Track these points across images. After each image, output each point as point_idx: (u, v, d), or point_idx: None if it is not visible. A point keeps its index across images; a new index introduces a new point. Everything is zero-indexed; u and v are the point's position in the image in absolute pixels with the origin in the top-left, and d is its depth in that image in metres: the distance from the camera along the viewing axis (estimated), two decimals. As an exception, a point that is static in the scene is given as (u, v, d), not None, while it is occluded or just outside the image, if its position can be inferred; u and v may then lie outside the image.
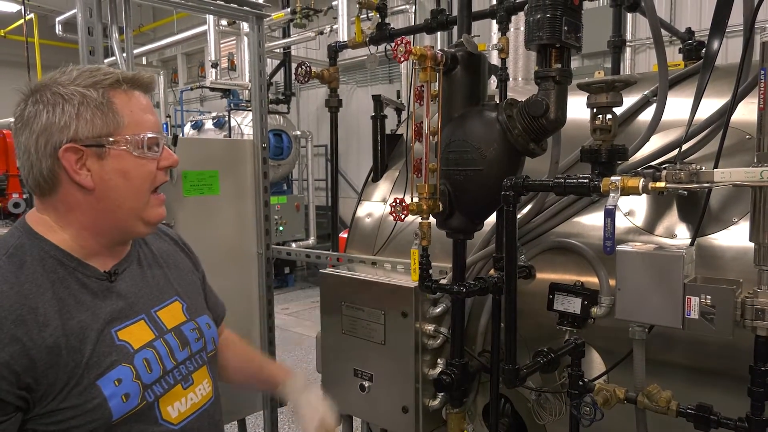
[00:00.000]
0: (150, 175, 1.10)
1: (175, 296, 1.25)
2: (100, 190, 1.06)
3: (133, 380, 1.07)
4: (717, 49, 1.44)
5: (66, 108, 1.02)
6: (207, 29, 8.42)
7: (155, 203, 1.13)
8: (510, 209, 1.35)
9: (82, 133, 1.03)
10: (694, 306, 1.24)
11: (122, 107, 1.06)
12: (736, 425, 1.25)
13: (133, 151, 1.07)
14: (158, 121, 1.15)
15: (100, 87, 1.05)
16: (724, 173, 1.17)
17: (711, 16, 1.50)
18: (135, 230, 1.14)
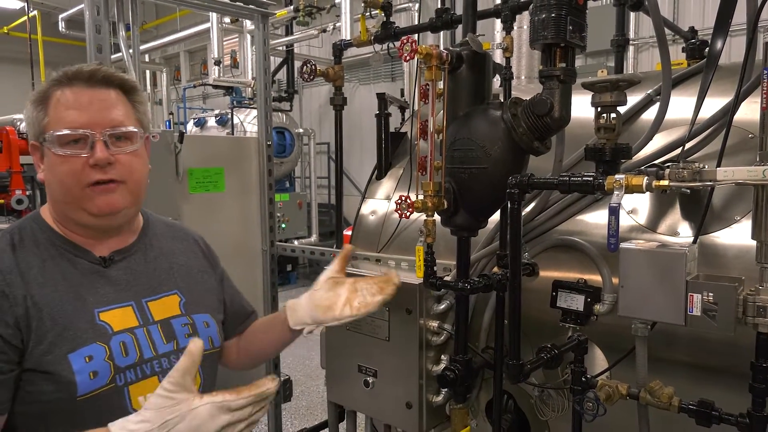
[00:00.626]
0: (72, 173, 1.08)
1: (175, 290, 1.26)
2: (46, 184, 1.13)
3: (105, 360, 1.08)
4: (720, 48, 1.45)
5: (27, 107, 1.12)
6: (210, 27, 8.42)
7: (90, 195, 1.10)
8: (515, 206, 1.37)
9: (32, 131, 1.12)
10: (697, 303, 1.25)
11: (52, 105, 1.10)
12: (737, 421, 1.27)
13: (53, 148, 1.09)
14: (91, 118, 1.09)
15: (49, 84, 1.11)
16: (726, 172, 1.19)
17: (714, 14, 1.52)
18: (82, 220, 1.14)
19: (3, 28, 12.81)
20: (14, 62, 12.92)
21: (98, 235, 1.18)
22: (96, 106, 1.10)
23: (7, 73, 13.30)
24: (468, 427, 1.77)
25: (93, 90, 1.11)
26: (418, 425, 1.86)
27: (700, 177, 1.22)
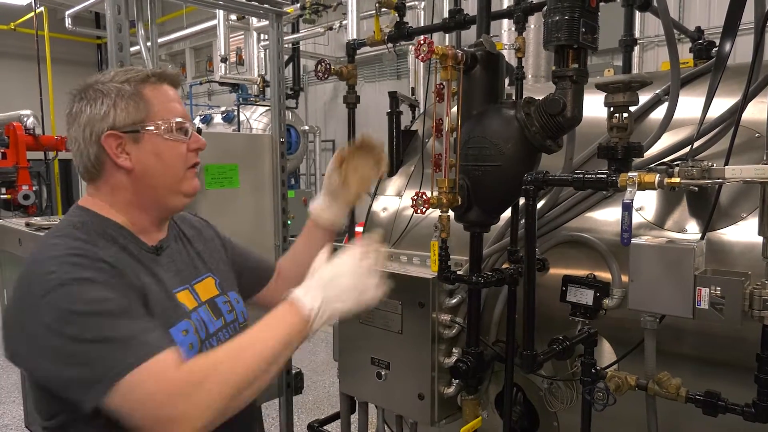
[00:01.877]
0: (181, 156, 1.23)
1: (209, 272, 1.37)
2: (139, 169, 1.19)
3: (193, 333, 1.20)
4: (729, 50, 1.49)
5: (105, 101, 1.17)
6: (217, 24, 8.46)
7: (189, 176, 1.26)
8: (531, 203, 1.42)
9: (119, 121, 1.17)
10: (705, 297, 1.30)
11: (152, 97, 1.20)
12: (743, 411, 1.32)
13: (164, 134, 1.20)
14: (185, 111, 1.28)
15: (133, 81, 1.20)
16: (734, 170, 1.23)
17: (720, 14, 1.56)
18: (174, 203, 1.26)
19: (10, 24, 12.89)
20: (21, 58, 12.99)
21: (160, 221, 1.29)
22: (181, 103, 1.27)
23: (13, 69, 13.37)
24: (479, 417, 1.81)
25: (174, 90, 1.27)
26: (430, 416, 1.91)
27: (709, 175, 1.27)
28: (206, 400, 0.99)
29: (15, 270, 1.99)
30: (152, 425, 0.99)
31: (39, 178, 11.08)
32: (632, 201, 1.25)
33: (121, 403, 0.99)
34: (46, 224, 1.79)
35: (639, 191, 1.78)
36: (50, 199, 11.44)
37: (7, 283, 2.04)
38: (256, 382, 1.05)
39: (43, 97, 10.50)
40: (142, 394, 0.98)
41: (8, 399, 4.76)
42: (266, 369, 1.06)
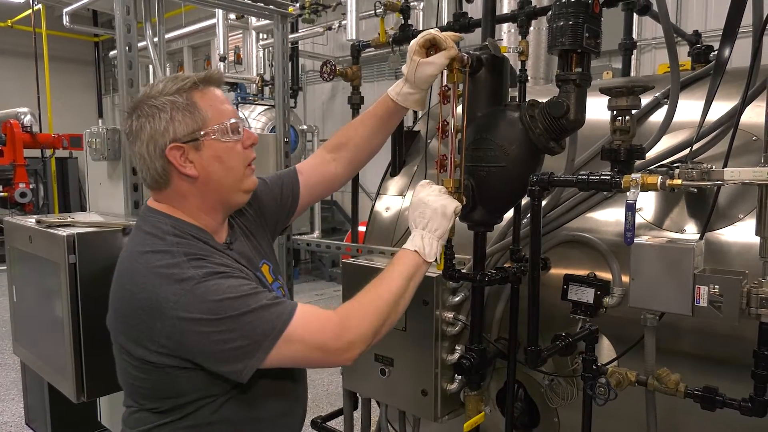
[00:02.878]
0: (240, 154, 1.31)
1: (263, 260, 1.48)
2: (203, 175, 1.27)
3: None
4: (728, 56, 1.53)
5: (162, 116, 1.24)
6: (216, 23, 8.47)
7: (249, 173, 1.35)
8: (536, 203, 1.45)
9: (179, 132, 1.24)
10: (704, 295, 1.34)
11: (204, 104, 1.26)
12: (740, 405, 1.36)
13: (221, 137, 1.26)
14: (234, 109, 1.35)
15: (183, 92, 1.26)
16: (733, 172, 1.27)
17: (717, 17, 1.60)
18: (238, 200, 1.36)
19: (7, 21, 12.85)
20: (18, 56, 12.96)
21: (225, 219, 1.39)
22: (228, 101, 1.34)
23: (11, 66, 13.33)
24: (482, 413, 1.85)
25: (219, 90, 1.33)
26: (433, 412, 1.95)
27: (709, 177, 1.31)
28: (359, 329, 1.24)
29: (25, 266, 2.01)
30: (324, 357, 1.22)
31: (36, 176, 11.07)
32: (635, 201, 1.29)
33: (290, 351, 1.19)
34: (57, 222, 1.81)
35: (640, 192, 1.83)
36: (47, 197, 11.43)
37: (16, 280, 2.07)
38: (392, 314, 1.31)
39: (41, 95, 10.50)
40: (308, 336, 1.20)
41: (7, 396, 4.77)
42: (397, 302, 1.32)
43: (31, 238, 1.85)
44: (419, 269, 1.37)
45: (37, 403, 3.44)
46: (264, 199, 1.59)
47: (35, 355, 2.02)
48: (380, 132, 1.69)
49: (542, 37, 3.63)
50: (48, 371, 1.93)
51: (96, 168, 2.30)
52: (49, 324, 1.83)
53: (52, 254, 1.73)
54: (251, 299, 1.18)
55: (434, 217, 1.41)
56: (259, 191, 1.56)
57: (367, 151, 1.71)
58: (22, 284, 2.03)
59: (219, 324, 1.14)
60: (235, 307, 1.16)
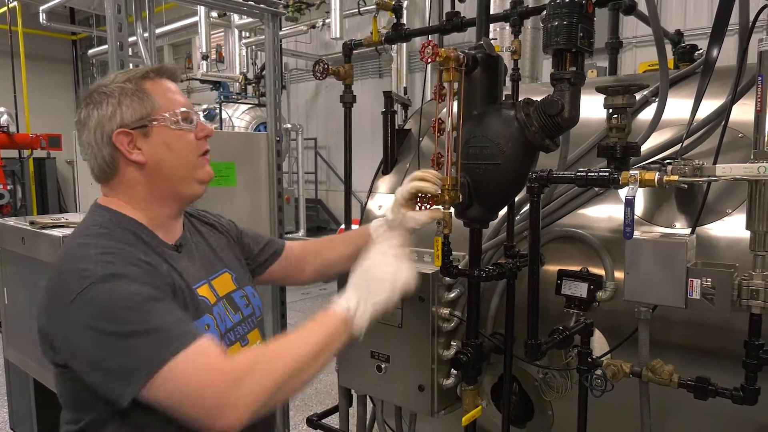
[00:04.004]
0: (191, 144, 1.27)
1: (225, 268, 1.41)
2: (152, 163, 1.23)
3: (215, 327, 1.26)
4: (716, 56, 1.58)
5: (110, 101, 1.22)
6: (198, 21, 8.40)
7: (202, 164, 1.30)
8: (535, 199, 1.48)
9: (127, 118, 1.21)
10: (696, 287, 1.38)
11: (154, 92, 1.25)
12: (731, 394, 1.40)
13: (171, 125, 1.24)
14: (188, 102, 1.32)
15: (133, 79, 1.24)
16: (725, 168, 1.31)
17: (696, 16, 1.64)
18: (190, 191, 1.30)
19: (-19, 19, 12.55)
20: (-7, 54, 12.66)
21: (177, 213, 1.33)
22: (182, 94, 1.32)
23: (-14, 64, 13.02)
24: (480, 406, 1.88)
25: (174, 83, 1.32)
26: (429, 407, 1.97)
27: (701, 173, 1.35)
28: (252, 392, 1.03)
29: (17, 269, 1.99)
30: (198, 414, 1.02)
31: (13, 177, 10.86)
32: (634, 197, 1.32)
33: (163, 392, 1.02)
34: (51, 223, 1.79)
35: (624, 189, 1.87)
36: (25, 198, 11.22)
37: (8, 282, 2.04)
38: (297, 378, 1.11)
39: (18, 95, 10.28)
40: (187, 381, 1.02)
41: (-10, 401, 4.68)
42: (305, 368, 1.12)
43: (24, 240, 1.83)
44: (341, 335, 1.18)
45: (23, 408, 3.39)
46: (244, 240, 1.58)
47: (29, 358, 2.00)
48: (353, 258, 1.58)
49: (527, 36, 3.68)
50: (42, 374, 1.91)
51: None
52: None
53: (49, 255, 1.72)
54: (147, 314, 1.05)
55: (384, 286, 1.24)
56: (245, 232, 1.60)
57: (338, 268, 1.73)
58: (14, 286, 2.01)
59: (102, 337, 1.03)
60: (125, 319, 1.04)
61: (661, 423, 1.73)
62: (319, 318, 1.19)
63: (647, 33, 6.28)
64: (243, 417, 1.02)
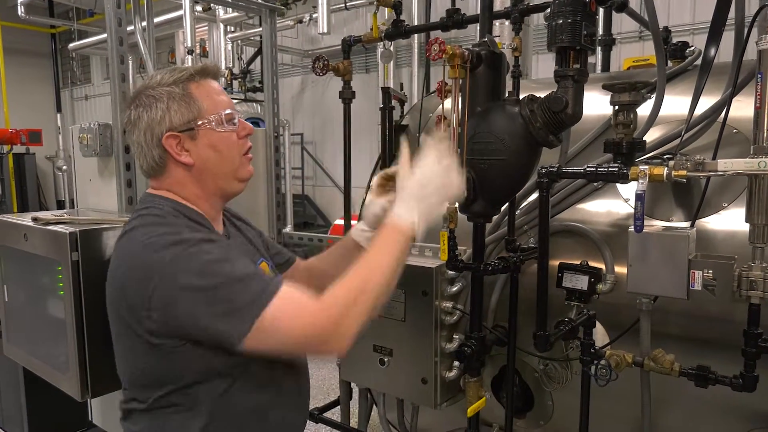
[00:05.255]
0: (235, 144, 1.33)
1: (262, 258, 1.49)
2: (199, 163, 1.30)
3: None
4: (714, 55, 1.62)
5: (159, 106, 1.28)
6: (183, 15, 8.29)
7: (245, 162, 1.37)
8: (544, 194, 1.51)
9: (175, 122, 1.27)
10: (698, 279, 1.43)
11: (200, 95, 1.30)
12: (731, 382, 1.45)
13: (216, 127, 1.29)
14: (231, 101, 1.36)
15: (180, 83, 1.30)
16: (726, 163, 1.36)
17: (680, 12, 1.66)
18: (233, 189, 1.38)
19: (-43, 11, 12.25)
20: (-30, 48, 12.38)
21: (222, 208, 1.41)
22: (224, 93, 1.37)
23: (-38, 58, 12.72)
24: (483, 398, 1.91)
25: (216, 82, 1.37)
26: (433, 399, 2.00)
27: (703, 168, 1.39)
28: (352, 324, 1.15)
29: (17, 265, 1.97)
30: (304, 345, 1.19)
31: (-3, 172, 10.63)
32: (644, 192, 1.36)
33: (269, 341, 1.14)
34: (54, 219, 1.78)
35: (623, 185, 1.92)
36: (4, 195, 11.00)
37: (8, 279, 2.02)
38: (380, 299, 1.21)
39: (-4, 89, 10.08)
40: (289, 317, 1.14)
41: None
42: (387, 286, 1.23)
43: (26, 236, 1.81)
44: (408, 248, 1.27)
45: (12, 405, 3.35)
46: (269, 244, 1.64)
47: (31, 355, 1.98)
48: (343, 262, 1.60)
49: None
50: (47, 371, 1.90)
51: (85, 164, 2.26)
52: (48, 323, 1.80)
53: (53, 252, 1.71)
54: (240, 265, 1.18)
55: (439, 196, 1.33)
56: (267, 238, 1.66)
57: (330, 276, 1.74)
58: (14, 283, 1.99)
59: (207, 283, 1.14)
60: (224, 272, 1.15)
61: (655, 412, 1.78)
62: (390, 235, 1.26)
63: (631, 30, 6.37)
64: (348, 344, 1.16)
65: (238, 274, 1.16)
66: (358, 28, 8.80)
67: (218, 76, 1.39)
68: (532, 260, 1.96)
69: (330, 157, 9.95)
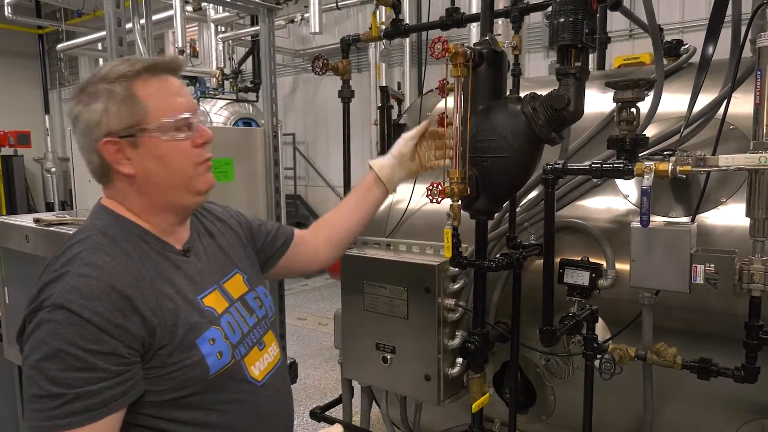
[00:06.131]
0: (186, 153, 1.15)
1: (236, 269, 1.34)
2: (142, 175, 1.13)
3: (223, 340, 1.18)
4: (711, 53, 1.65)
5: (96, 106, 1.11)
6: (174, 14, 8.25)
7: (200, 173, 1.18)
8: (549, 190, 1.53)
9: (114, 126, 1.10)
10: (700, 273, 1.45)
11: (145, 96, 1.12)
12: (733, 374, 1.48)
13: (162, 135, 1.12)
14: (190, 102, 1.17)
15: (124, 80, 1.12)
16: (727, 159, 1.38)
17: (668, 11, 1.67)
18: (187, 202, 1.20)
19: (-58, 12, 12.09)
20: (-44, 49, 12.24)
21: (181, 221, 1.24)
22: (184, 92, 1.18)
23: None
24: (487, 394, 1.93)
25: (174, 78, 1.18)
26: (436, 396, 2.01)
27: (704, 163, 1.41)
28: None
29: (19, 267, 1.96)
30: None
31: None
32: (650, 187, 1.38)
33: None
34: (56, 220, 1.77)
35: (622, 180, 1.94)
36: (-8, 197, 10.90)
37: (9, 281, 2.01)
38: None
39: (-17, 90, 9.97)
40: None
41: (-30, 405, 4.56)
42: None
43: (28, 238, 1.80)
44: None
45: (7, 409, 3.32)
46: (253, 232, 1.51)
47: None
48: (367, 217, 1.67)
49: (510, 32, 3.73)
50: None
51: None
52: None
53: (56, 253, 1.70)
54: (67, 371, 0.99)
55: None
56: (254, 224, 1.52)
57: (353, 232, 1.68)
58: (15, 285, 1.97)
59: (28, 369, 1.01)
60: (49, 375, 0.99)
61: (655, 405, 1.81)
62: None
63: (622, 28, 6.42)
64: None
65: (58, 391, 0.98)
66: (349, 28, 8.80)
67: (177, 71, 1.19)
68: (533, 257, 1.99)
69: (322, 156, 9.95)
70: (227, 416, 1.19)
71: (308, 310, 6.93)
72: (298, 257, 1.61)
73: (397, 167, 1.65)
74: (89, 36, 9.82)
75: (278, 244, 1.57)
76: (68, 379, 0.99)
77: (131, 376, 1.05)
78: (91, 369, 1.00)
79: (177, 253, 1.21)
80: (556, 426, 2.12)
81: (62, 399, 0.98)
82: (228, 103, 8.53)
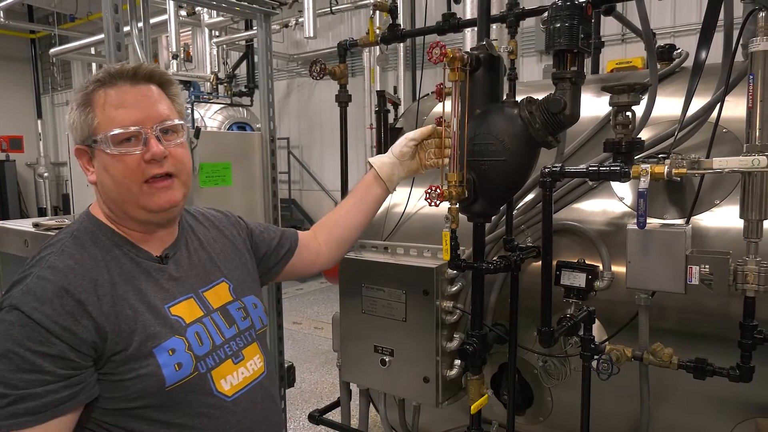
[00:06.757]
0: (129, 170, 1.11)
1: (222, 278, 1.32)
2: (99, 185, 1.16)
3: (185, 351, 1.15)
4: (705, 58, 1.67)
5: (72, 113, 1.15)
6: (167, 19, 8.25)
7: (148, 191, 1.13)
8: (548, 193, 1.55)
9: (78, 134, 1.13)
10: (695, 274, 1.47)
11: (98, 107, 1.12)
12: (728, 373, 1.50)
13: (106, 149, 1.10)
14: (136, 115, 1.12)
15: (91, 87, 1.13)
16: (721, 161, 1.41)
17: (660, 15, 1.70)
18: (144, 218, 1.17)
19: (-67, 16, 12.02)
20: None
21: (154, 229, 1.22)
22: (144, 103, 1.14)
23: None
24: (485, 395, 1.94)
25: (137, 87, 1.14)
26: (435, 398, 2.02)
27: (699, 166, 1.44)
28: None
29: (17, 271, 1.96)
30: None
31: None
32: (647, 190, 1.40)
33: None
34: (55, 225, 1.78)
35: (617, 183, 1.97)
36: (-15, 203, 10.84)
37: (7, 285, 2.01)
38: None
39: (-25, 95, 9.92)
40: None
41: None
42: None
43: (27, 242, 1.81)
44: None
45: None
46: (255, 240, 1.50)
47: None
48: (370, 215, 1.69)
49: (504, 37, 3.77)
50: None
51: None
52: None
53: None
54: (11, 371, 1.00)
55: None
56: (255, 230, 1.51)
57: (355, 230, 1.69)
58: (14, 290, 1.97)
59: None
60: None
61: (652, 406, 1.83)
62: None
63: (613, 33, 6.48)
64: None
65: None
66: (343, 32, 8.83)
67: (138, 77, 1.14)
68: (530, 259, 2.01)
69: (317, 160, 9.96)
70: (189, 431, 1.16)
71: (303, 314, 6.93)
72: (301, 261, 1.61)
73: (397, 165, 1.67)
74: (82, 40, 9.80)
75: (282, 252, 1.57)
76: (14, 380, 1.00)
77: (81, 381, 1.05)
78: (37, 371, 1.01)
79: (152, 260, 1.20)
80: (554, 427, 2.13)
81: (6, 399, 1.00)
82: (222, 107, 8.53)
